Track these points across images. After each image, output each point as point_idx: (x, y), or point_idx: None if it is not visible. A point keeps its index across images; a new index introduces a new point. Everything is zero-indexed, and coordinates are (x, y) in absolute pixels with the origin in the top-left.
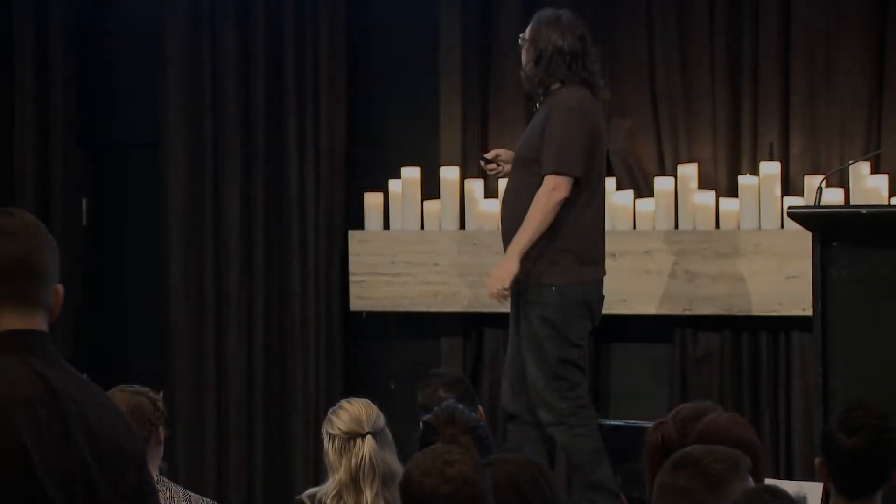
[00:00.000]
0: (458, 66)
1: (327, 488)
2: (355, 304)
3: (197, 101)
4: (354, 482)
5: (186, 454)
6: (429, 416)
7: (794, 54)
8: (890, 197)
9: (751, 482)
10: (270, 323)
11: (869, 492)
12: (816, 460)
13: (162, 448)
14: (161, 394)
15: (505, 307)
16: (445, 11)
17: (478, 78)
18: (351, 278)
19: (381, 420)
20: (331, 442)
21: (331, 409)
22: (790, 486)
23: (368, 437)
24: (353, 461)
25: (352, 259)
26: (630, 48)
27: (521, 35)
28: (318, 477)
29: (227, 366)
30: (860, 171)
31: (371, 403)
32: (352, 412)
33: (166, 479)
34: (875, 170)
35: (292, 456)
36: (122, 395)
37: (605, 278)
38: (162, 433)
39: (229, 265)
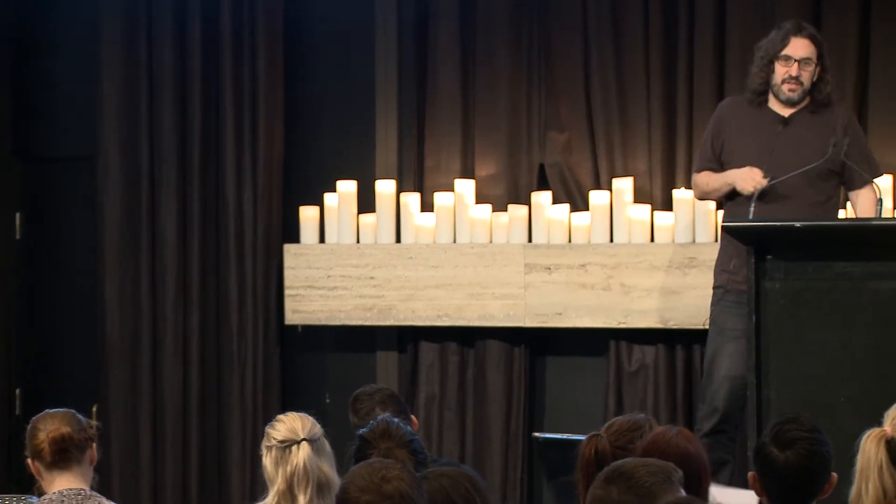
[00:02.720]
0: (395, 79)
1: (266, 502)
2: (291, 317)
3: (133, 114)
4: (290, 489)
5: (121, 468)
6: (364, 429)
7: (729, 70)
8: None
9: (682, 494)
10: (206, 336)
11: None
12: (750, 474)
13: (94, 463)
14: (95, 408)
15: (437, 321)
16: (382, 25)
17: (414, 92)
18: (286, 292)
19: (318, 430)
20: (268, 454)
21: (268, 425)
22: (732, 495)
23: (304, 443)
24: (289, 468)
25: (287, 273)
26: (566, 63)
27: (806, 58)
28: (255, 490)
29: (162, 379)
30: None
31: (307, 415)
32: (287, 422)
33: (98, 495)
34: None
35: (228, 469)
36: (51, 421)
37: (540, 291)
38: (95, 451)
39: (165, 278)
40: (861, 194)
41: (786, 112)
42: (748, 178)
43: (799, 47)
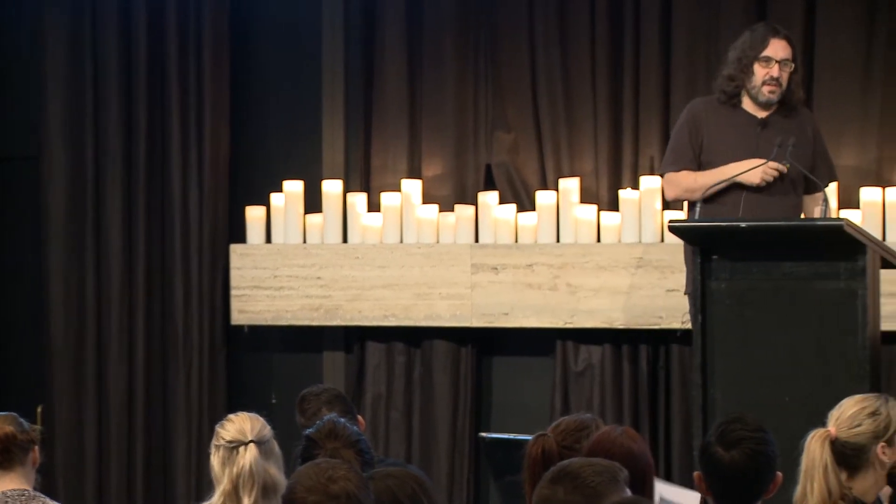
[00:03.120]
0: (341, 79)
1: (212, 501)
2: (237, 318)
3: (78, 114)
4: (235, 490)
5: (65, 469)
6: (311, 430)
7: (675, 70)
8: None
9: (628, 494)
10: (152, 337)
11: None
12: (695, 473)
13: (37, 465)
14: (40, 409)
15: (384, 321)
16: (328, 25)
17: (361, 92)
18: (232, 292)
19: (267, 431)
20: (216, 453)
21: (218, 424)
22: (678, 493)
23: (251, 445)
24: (235, 469)
25: (233, 273)
26: (513, 64)
27: (786, 60)
28: (200, 491)
29: (107, 379)
30: None
31: (258, 416)
32: (237, 423)
33: (42, 495)
34: None
35: (173, 470)
36: None
37: (487, 291)
38: (37, 453)
39: (110, 279)
40: (810, 199)
41: (760, 114)
42: (757, 172)
43: (779, 48)
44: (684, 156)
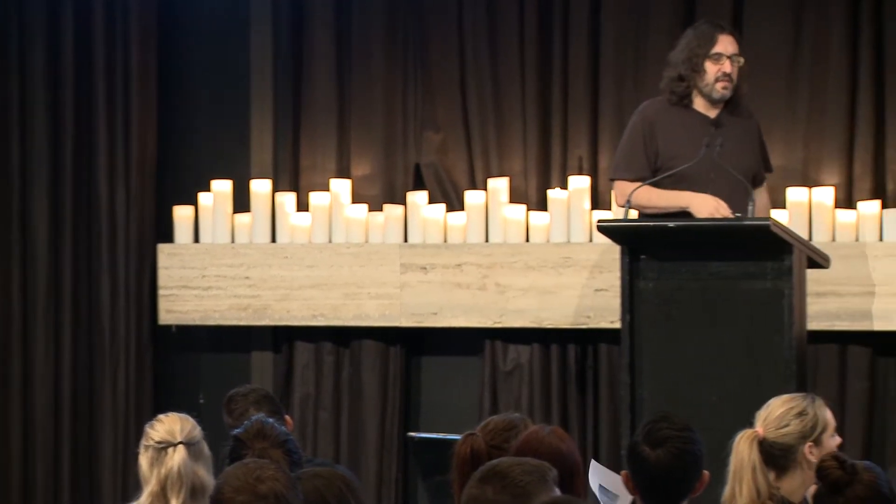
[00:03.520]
0: (270, 78)
1: (139, 502)
2: (164, 317)
3: (4, 113)
4: (163, 492)
5: None
6: (239, 430)
7: (603, 70)
8: None
9: (557, 493)
10: (78, 336)
11: (674, 503)
12: (623, 472)
13: None
14: None
15: (312, 321)
16: (257, 23)
17: (290, 91)
18: (160, 292)
19: (197, 433)
20: (144, 453)
21: (148, 424)
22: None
23: (180, 446)
24: (163, 470)
25: (161, 272)
26: (442, 64)
27: (735, 55)
28: (127, 491)
29: (34, 379)
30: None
31: (188, 417)
32: (166, 423)
33: None
34: None
35: (100, 470)
36: None
37: (416, 291)
38: None
39: (37, 278)
40: (759, 192)
41: (711, 113)
42: (708, 207)
43: (727, 44)
44: (637, 163)
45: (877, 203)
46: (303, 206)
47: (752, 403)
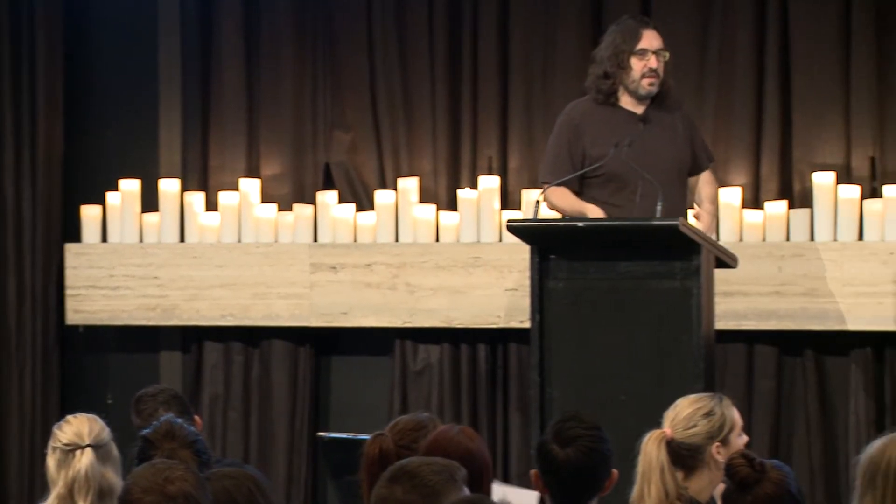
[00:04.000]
0: (178, 77)
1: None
2: (72, 317)
3: None
4: (70, 494)
5: None
6: (147, 430)
7: (513, 70)
8: None
9: (466, 492)
10: None
11: (583, 502)
12: (532, 471)
13: None
14: None
15: (221, 321)
16: (164, 22)
17: (198, 90)
18: (67, 292)
19: (105, 435)
20: (52, 455)
21: (56, 424)
22: (515, 493)
23: (88, 449)
24: (70, 473)
25: (68, 272)
26: (351, 63)
27: (660, 50)
28: (34, 493)
29: None
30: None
31: (97, 418)
32: (74, 425)
33: None
34: None
35: (7, 471)
36: None
37: (326, 291)
38: None
39: None
40: (702, 177)
41: (638, 109)
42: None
43: (652, 39)
44: (562, 167)
45: (783, 203)
46: (212, 205)
47: (661, 402)
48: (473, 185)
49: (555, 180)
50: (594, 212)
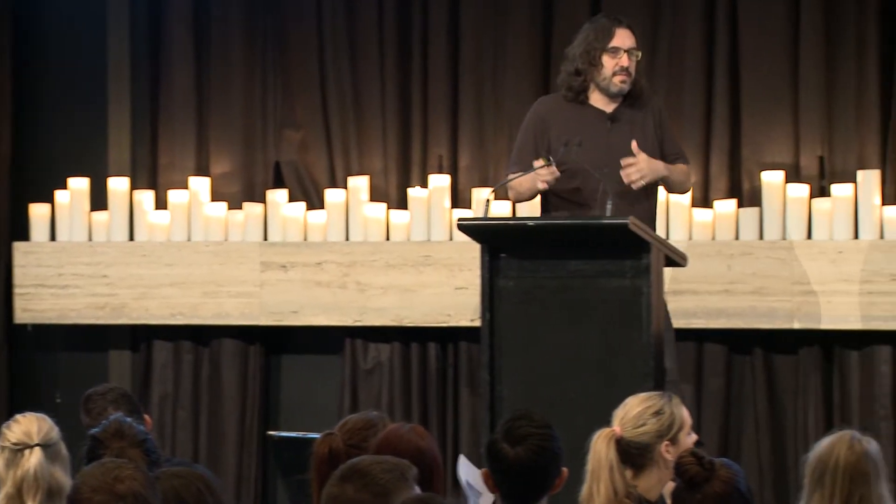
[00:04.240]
0: (127, 75)
1: None
2: (20, 316)
3: None
4: (19, 494)
5: None
6: (96, 429)
7: (463, 70)
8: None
9: (417, 491)
10: None
11: (533, 500)
12: (482, 470)
13: None
14: None
15: (171, 319)
16: (114, 19)
17: (148, 88)
18: (16, 290)
19: (55, 434)
20: (1, 455)
21: (4, 424)
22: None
23: (36, 448)
24: (19, 472)
25: (17, 271)
26: (301, 61)
27: (633, 49)
28: None
29: None
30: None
31: (46, 418)
32: (23, 424)
33: None
34: None
35: None
36: None
37: (276, 289)
38: None
39: None
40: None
41: (608, 108)
42: (536, 177)
43: (625, 37)
44: (526, 159)
45: (733, 202)
46: (161, 204)
47: (611, 400)
48: (424, 184)
49: (518, 171)
50: (543, 172)
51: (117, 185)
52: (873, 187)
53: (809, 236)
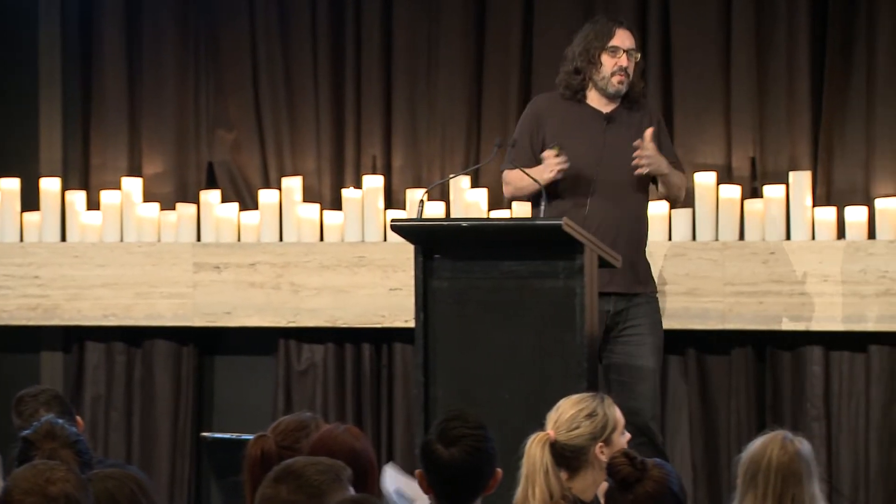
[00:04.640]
0: (58, 75)
1: None
2: None
3: None
4: None
5: None
6: (28, 431)
7: (397, 70)
8: (489, 210)
9: (352, 492)
10: None
11: (467, 501)
12: (417, 471)
13: None
14: None
15: (103, 321)
16: (45, 18)
17: (79, 88)
18: None
19: None
20: None
21: None
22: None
23: None
24: None
25: None
26: (234, 62)
27: (632, 50)
28: None
29: None
30: (461, 185)
31: None
32: None
33: None
34: (475, 183)
35: None
36: None
37: (209, 290)
38: None
39: None
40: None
41: (605, 109)
42: (545, 167)
43: (625, 38)
44: (521, 155)
45: (665, 203)
46: (93, 204)
47: (545, 401)
48: (358, 185)
49: (513, 167)
50: (539, 167)
51: (49, 186)
52: (804, 188)
53: (741, 237)
